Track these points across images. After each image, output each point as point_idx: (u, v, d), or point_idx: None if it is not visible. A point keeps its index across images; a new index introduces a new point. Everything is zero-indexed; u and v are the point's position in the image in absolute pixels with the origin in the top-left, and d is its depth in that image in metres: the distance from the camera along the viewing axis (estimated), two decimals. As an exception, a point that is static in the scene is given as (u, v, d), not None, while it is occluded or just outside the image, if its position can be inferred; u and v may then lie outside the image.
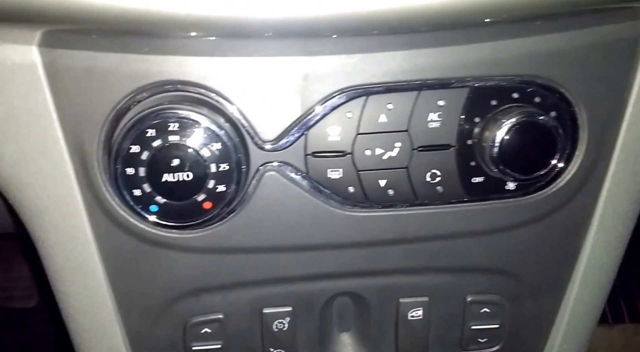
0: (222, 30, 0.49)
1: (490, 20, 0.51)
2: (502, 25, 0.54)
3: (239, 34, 0.50)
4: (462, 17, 0.49)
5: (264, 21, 0.47)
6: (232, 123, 0.55)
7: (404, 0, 0.46)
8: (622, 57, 0.56)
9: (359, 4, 0.46)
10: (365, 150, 0.57)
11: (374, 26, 0.50)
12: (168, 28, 0.48)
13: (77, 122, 0.55)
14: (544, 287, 0.66)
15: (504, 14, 0.50)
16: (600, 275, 0.66)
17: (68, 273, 0.63)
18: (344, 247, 0.61)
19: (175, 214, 0.56)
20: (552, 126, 0.55)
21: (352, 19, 0.47)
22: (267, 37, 0.52)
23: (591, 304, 0.68)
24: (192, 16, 0.45)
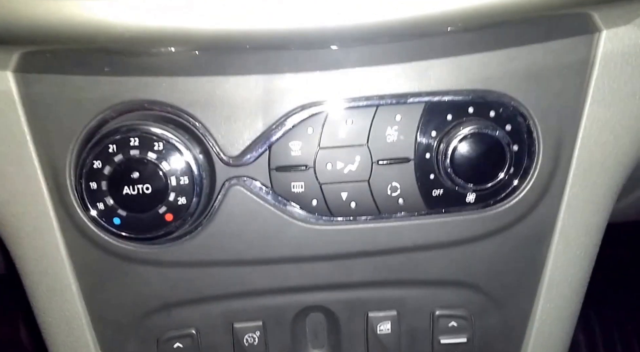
0: (189, 47, 0.51)
1: (448, 31, 0.53)
2: (457, 41, 0.56)
3: (203, 50, 0.52)
4: (414, 29, 0.51)
5: (227, 37, 0.48)
6: (197, 139, 0.57)
7: (359, 16, 0.48)
8: (575, 72, 0.58)
9: (317, 18, 0.47)
10: (327, 164, 0.59)
11: (332, 40, 0.52)
12: (134, 44, 0.50)
13: (49, 142, 0.58)
14: (510, 301, 0.67)
15: (461, 23, 0.51)
16: (567, 289, 0.67)
17: (43, 288, 0.65)
18: (310, 261, 0.63)
19: (138, 226, 0.57)
20: (503, 139, 0.57)
21: (311, 34, 0.49)
22: (229, 55, 0.54)
23: (560, 319, 0.68)
24: (162, 30, 0.46)
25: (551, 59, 0.57)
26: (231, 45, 0.49)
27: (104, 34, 0.46)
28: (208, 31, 0.46)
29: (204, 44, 0.49)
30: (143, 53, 0.52)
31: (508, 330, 0.68)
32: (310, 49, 0.54)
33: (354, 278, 0.64)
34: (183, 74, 0.56)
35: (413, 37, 0.52)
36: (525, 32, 0.56)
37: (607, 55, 0.57)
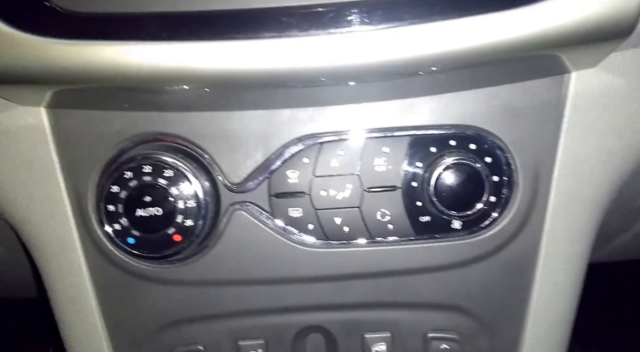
0: (194, 84, 0.58)
1: (431, 72, 0.58)
2: (439, 80, 0.62)
3: (208, 87, 0.60)
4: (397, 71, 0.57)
5: (232, 77, 0.55)
6: (204, 167, 0.64)
7: (346, 59, 0.54)
8: (548, 109, 0.63)
9: (312, 61, 0.53)
10: (321, 191, 0.64)
11: (325, 79, 0.58)
12: (147, 82, 0.58)
13: (74, 169, 0.65)
14: (499, 326, 0.70)
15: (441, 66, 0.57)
16: (554, 315, 0.69)
17: (66, 303, 0.71)
18: (308, 282, 0.68)
19: (150, 245, 0.63)
20: (482, 170, 0.62)
21: (307, 75, 0.56)
22: (233, 93, 0.61)
23: (549, 344, 0.71)
24: (169, 71, 0.53)
25: (526, 97, 0.62)
26: (236, 85, 0.56)
27: (122, 76, 0.54)
28: (214, 73, 0.54)
29: (211, 84, 0.56)
30: (157, 91, 0.60)
31: (500, 351, 0.71)
32: (305, 87, 0.60)
33: (349, 299, 0.69)
34: (192, 110, 0.63)
35: (398, 77, 0.59)
36: (501, 73, 0.61)
37: (577, 94, 0.62)
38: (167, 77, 0.54)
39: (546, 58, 0.58)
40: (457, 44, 0.52)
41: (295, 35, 0.52)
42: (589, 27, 0.51)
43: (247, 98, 0.62)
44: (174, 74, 0.53)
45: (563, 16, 0.50)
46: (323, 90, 0.61)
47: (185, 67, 0.53)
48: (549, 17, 0.51)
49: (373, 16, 0.51)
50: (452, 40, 0.51)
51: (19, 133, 0.65)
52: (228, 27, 0.52)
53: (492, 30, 0.51)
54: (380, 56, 0.53)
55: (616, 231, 0.90)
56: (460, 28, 0.51)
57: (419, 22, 0.51)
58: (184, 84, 0.55)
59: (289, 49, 0.52)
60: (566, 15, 0.50)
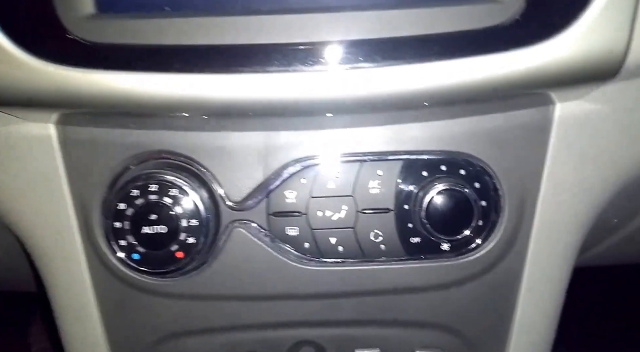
0: (202, 112, 0.62)
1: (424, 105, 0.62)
2: (431, 109, 0.65)
3: (214, 114, 0.63)
4: (396, 104, 0.61)
5: (238, 106, 0.59)
6: (205, 186, 0.66)
7: (347, 90, 0.58)
8: (534, 138, 0.66)
9: (313, 93, 0.57)
10: (318, 212, 0.67)
11: (325, 109, 0.62)
12: (157, 109, 0.61)
13: (81, 185, 0.68)
14: (484, 343, 0.72)
15: (429, 100, 0.61)
16: (536, 335, 0.72)
17: (69, 314, 0.73)
18: (302, 298, 0.70)
19: (154, 261, 0.66)
20: (470, 195, 0.65)
21: (308, 104, 0.59)
22: (235, 116, 0.64)
23: None
24: (179, 100, 0.57)
25: (513, 126, 0.66)
26: (237, 113, 0.60)
27: (134, 103, 0.57)
28: (219, 102, 0.57)
29: (215, 112, 0.60)
30: (166, 115, 0.63)
31: None
32: (303, 116, 0.64)
33: (341, 316, 0.71)
34: (195, 130, 0.66)
35: (393, 109, 0.62)
36: (490, 104, 0.65)
37: (561, 124, 0.65)
38: (175, 105, 0.57)
39: (535, 94, 0.62)
40: (447, 83, 0.55)
41: (299, 70, 0.55)
42: (577, 70, 0.55)
43: (250, 120, 0.65)
44: (182, 102, 0.56)
45: (555, 59, 0.54)
46: (322, 115, 0.65)
47: (193, 97, 0.56)
48: (541, 60, 0.54)
49: (371, 55, 0.55)
50: (446, 79, 0.55)
51: (27, 148, 0.67)
52: (234, 61, 0.55)
53: (485, 70, 0.55)
54: (377, 90, 0.57)
55: (592, 243, 0.94)
56: (453, 68, 0.55)
57: (418, 62, 0.55)
58: (191, 111, 0.58)
59: (292, 82, 0.56)
60: (558, 58, 0.54)
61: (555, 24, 0.54)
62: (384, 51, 0.55)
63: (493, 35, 0.54)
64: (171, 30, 0.56)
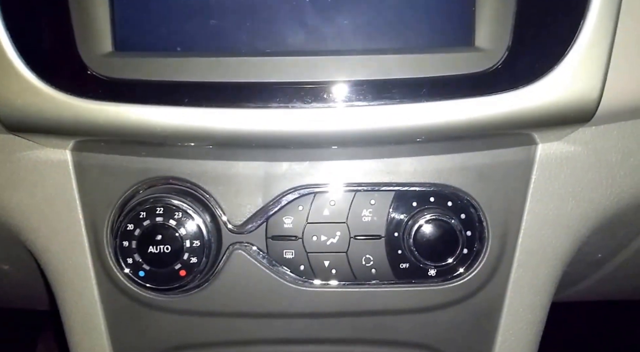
0: (207, 142, 0.66)
1: (416, 141, 0.67)
2: (422, 145, 0.70)
3: (219, 145, 0.68)
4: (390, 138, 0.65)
5: (242, 138, 0.63)
6: (208, 210, 0.71)
7: (340, 125, 0.62)
8: (517, 175, 0.71)
9: (311, 127, 0.61)
10: (313, 237, 0.72)
11: (321, 142, 0.66)
12: (166, 139, 0.65)
13: (93, 207, 0.73)
14: None
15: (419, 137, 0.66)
16: None
17: (78, 327, 0.78)
18: (296, 317, 0.75)
19: (158, 279, 0.70)
20: (456, 226, 0.70)
21: (306, 137, 0.64)
22: (239, 147, 0.69)
23: None
24: (187, 131, 0.62)
25: (498, 163, 0.71)
26: (240, 143, 0.64)
27: (143, 133, 0.62)
28: (222, 134, 0.62)
29: (219, 142, 0.65)
30: (175, 145, 0.67)
31: None
32: (302, 148, 0.68)
33: (332, 335, 0.76)
34: (200, 158, 0.71)
35: (385, 143, 0.67)
36: (477, 142, 0.70)
37: (543, 163, 0.70)
38: (183, 135, 0.62)
39: (518, 134, 0.66)
40: (434, 121, 0.60)
41: (298, 107, 0.60)
42: (553, 114, 0.59)
43: (252, 150, 0.70)
44: (189, 133, 0.61)
45: (532, 103, 0.59)
46: (319, 148, 0.70)
47: (200, 128, 0.61)
48: (518, 104, 0.59)
49: (365, 94, 0.60)
50: (433, 118, 0.60)
51: (44, 171, 0.72)
52: (238, 97, 0.60)
53: (468, 111, 0.59)
54: (369, 126, 0.61)
55: (580, 277, 0.98)
56: (439, 108, 0.60)
57: (408, 102, 0.59)
58: (197, 142, 0.63)
59: (292, 117, 0.60)
60: (534, 103, 0.59)
61: (534, 72, 0.59)
62: (377, 91, 0.59)
63: (476, 80, 0.59)
64: (181, 68, 0.61)
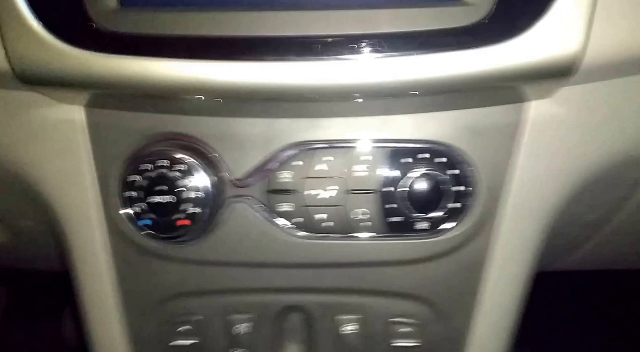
0: (201, 94, 0.68)
1: (407, 95, 0.69)
2: (417, 102, 0.73)
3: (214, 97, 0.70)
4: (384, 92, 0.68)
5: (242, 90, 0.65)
6: (212, 164, 0.74)
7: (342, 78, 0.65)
8: (508, 132, 0.73)
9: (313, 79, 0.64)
10: (311, 190, 0.75)
11: (312, 95, 0.68)
12: (162, 92, 0.68)
13: (103, 161, 0.76)
14: (453, 314, 0.81)
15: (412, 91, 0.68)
16: (500, 308, 0.81)
17: (85, 273, 0.82)
18: (292, 267, 0.79)
19: (162, 227, 0.74)
20: (448, 180, 0.73)
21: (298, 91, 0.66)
22: (241, 103, 0.72)
23: (496, 334, 0.82)
24: (195, 84, 0.65)
25: (491, 120, 0.73)
26: (236, 95, 0.67)
27: (146, 85, 0.65)
28: (222, 87, 0.65)
29: (219, 96, 0.68)
30: (177, 99, 0.71)
31: (452, 338, 0.82)
32: (305, 102, 0.71)
33: (326, 284, 0.80)
34: (205, 115, 0.74)
35: (381, 96, 0.70)
36: (470, 98, 0.72)
37: (533, 121, 0.73)
38: (182, 88, 0.65)
39: (507, 88, 0.69)
40: (426, 74, 0.63)
41: (292, 60, 0.63)
42: (538, 67, 0.62)
43: (254, 108, 0.73)
44: (187, 86, 0.64)
45: (519, 56, 0.62)
46: (318, 104, 0.73)
47: (198, 81, 0.64)
48: (505, 56, 0.62)
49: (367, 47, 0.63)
50: (424, 71, 0.63)
51: (59, 127, 0.76)
52: (231, 51, 0.63)
53: (457, 63, 0.62)
54: (359, 80, 0.64)
55: (576, 243, 1.01)
56: (430, 61, 0.62)
57: (400, 55, 0.62)
58: (195, 94, 0.66)
59: (284, 70, 0.63)
60: (521, 55, 0.62)
61: (519, 25, 0.61)
62: (366, 45, 0.62)
63: (465, 33, 0.62)
64: (182, 22, 0.63)
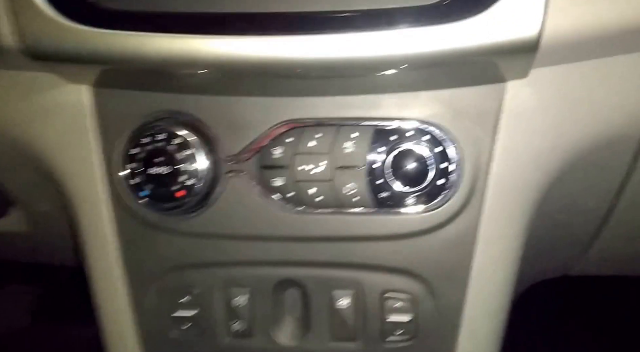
0: (189, 69, 0.73)
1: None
2: (402, 82, 0.76)
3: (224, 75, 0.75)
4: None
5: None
6: (208, 140, 0.79)
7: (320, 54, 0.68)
8: (491, 110, 0.76)
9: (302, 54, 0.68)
10: (301, 166, 0.79)
11: (287, 71, 0.72)
12: (153, 65, 0.72)
13: (110, 137, 0.82)
14: (445, 289, 0.82)
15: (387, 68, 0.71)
16: (491, 283, 0.82)
17: (94, 247, 0.87)
18: (287, 240, 0.82)
19: (161, 198, 0.79)
20: (433, 157, 0.76)
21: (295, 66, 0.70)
22: (235, 83, 0.77)
23: (488, 312, 0.83)
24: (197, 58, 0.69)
25: (473, 100, 0.76)
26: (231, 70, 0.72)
27: (142, 60, 0.70)
28: (211, 61, 0.69)
29: (206, 68, 0.72)
30: (172, 74, 0.76)
31: (445, 314, 0.83)
32: (300, 78, 0.75)
33: (320, 258, 0.83)
34: (202, 94, 0.79)
35: (363, 72, 0.73)
36: (453, 77, 0.75)
37: (512, 101, 0.75)
38: (176, 61, 0.70)
39: (483, 67, 0.72)
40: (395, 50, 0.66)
41: (266, 34, 0.67)
42: (501, 43, 0.65)
43: (248, 86, 0.78)
44: (181, 59, 0.69)
45: (482, 31, 0.65)
46: (307, 84, 0.77)
47: (191, 54, 0.69)
48: (468, 33, 0.65)
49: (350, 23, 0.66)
50: (395, 46, 0.66)
51: (68, 106, 0.82)
52: (226, 25, 0.68)
53: (425, 40, 0.66)
54: (329, 55, 0.68)
55: (584, 240, 1.02)
56: (401, 37, 0.66)
57: (371, 30, 0.66)
58: (188, 67, 0.71)
59: (258, 45, 0.68)
60: (484, 31, 0.65)
61: (480, 3, 0.65)
62: (338, 21, 0.66)
63: (431, 10, 0.65)
64: None
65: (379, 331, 0.85)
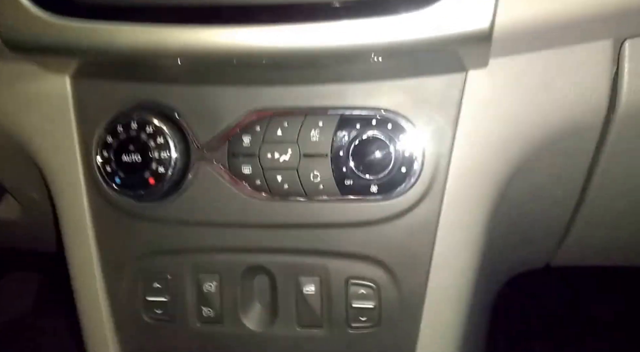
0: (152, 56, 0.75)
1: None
2: (367, 72, 0.78)
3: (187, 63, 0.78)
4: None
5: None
6: (180, 129, 0.82)
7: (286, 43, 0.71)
8: (450, 101, 0.78)
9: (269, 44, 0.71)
10: (268, 154, 0.81)
11: (276, 61, 0.75)
12: (138, 58, 0.76)
13: (86, 126, 0.85)
14: (407, 276, 0.84)
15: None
16: (452, 270, 0.83)
17: (71, 233, 0.90)
18: (254, 227, 0.85)
19: (133, 185, 0.82)
20: (395, 146, 0.78)
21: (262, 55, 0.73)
22: (204, 72, 0.79)
23: (448, 295, 0.85)
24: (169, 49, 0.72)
25: (435, 88, 0.78)
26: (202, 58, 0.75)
27: (115, 51, 0.73)
28: (181, 50, 0.72)
29: (178, 56, 0.75)
30: (150, 64, 0.79)
31: (408, 301, 0.85)
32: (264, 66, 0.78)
33: (288, 245, 0.85)
34: (175, 84, 0.82)
35: (330, 61, 0.76)
36: (413, 67, 0.77)
37: (472, 89, 0.77)
38: (147, 51, 0.73)
39: (444, 57, 0.74)
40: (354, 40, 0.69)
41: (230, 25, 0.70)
42: (455, 33, 0.67)
43: (218, 77, 0.80)
44: (151, 49, 0.72)
45: (434, 22, 0.67)
46: (277, 74, 0.79)
47: (161, 45, 0.72)
48: (421, 23, 0.68)
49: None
50: (353, 36, 0.69)
51: (49, 96, 0.85)
52: (202, 16, 0.71)
53: (385, 29, 0.68)
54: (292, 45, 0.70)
55: (559, 229, 1.03)
56: (359, 27, 0.68)
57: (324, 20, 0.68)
58: (156, 58, 0.74)
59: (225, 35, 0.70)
60: (437, 21, 0.67)
61: None
62: (300, 11, 0.69)
63: (386, 1, 0.67)
64: None
65: (344, 318, 0.87)
